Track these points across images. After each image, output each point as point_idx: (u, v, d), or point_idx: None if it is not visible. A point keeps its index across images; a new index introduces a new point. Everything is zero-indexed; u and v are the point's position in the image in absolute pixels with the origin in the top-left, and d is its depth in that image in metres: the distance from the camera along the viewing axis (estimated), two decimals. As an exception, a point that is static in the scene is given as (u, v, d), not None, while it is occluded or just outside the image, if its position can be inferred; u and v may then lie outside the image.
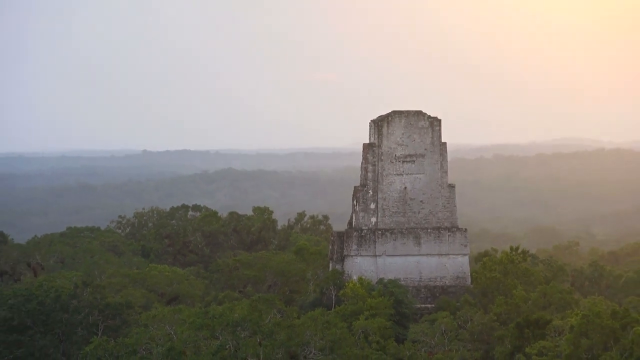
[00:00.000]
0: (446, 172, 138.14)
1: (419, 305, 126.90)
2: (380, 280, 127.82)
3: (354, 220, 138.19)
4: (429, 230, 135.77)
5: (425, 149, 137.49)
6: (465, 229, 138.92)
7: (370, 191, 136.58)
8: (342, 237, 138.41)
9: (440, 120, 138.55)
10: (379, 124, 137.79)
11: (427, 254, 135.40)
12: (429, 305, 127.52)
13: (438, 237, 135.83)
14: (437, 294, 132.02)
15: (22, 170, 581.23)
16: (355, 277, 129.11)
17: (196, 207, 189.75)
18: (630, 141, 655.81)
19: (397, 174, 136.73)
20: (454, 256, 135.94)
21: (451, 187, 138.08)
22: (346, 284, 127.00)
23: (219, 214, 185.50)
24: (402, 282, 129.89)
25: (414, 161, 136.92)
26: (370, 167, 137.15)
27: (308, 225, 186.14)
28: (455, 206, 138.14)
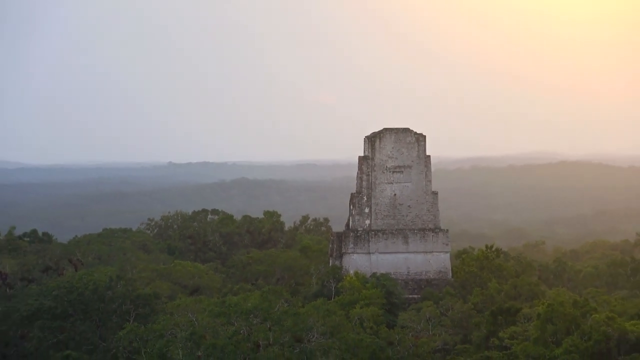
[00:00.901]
0: (430, 181, 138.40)
1: (407, 296, 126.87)
2: (374, 274, 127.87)
3: (350, 222, 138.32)
4: (415, 231, 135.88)
5: (412, 161, 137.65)
6: (447, 230, 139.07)
7: (365, 197, 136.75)
8: (340, 237, 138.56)
9: (425, 136, 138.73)
10: (372, 140, 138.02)
11: (414, 252, 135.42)
12: (416, 296, 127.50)
13: (423, 237, 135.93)
14: (423, 286, 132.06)
15: (64, 179, 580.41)
16: (352, 272, 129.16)
17: (214, 211, 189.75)
18: (588, 154, 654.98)
19: (388, 183, 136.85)
20: (437, 253, 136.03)
21: (434, 194, 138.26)
22: (344, 277, 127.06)
23: (234, 217, 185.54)
24: (393, 276, 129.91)
25: (402, 171, 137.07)
26: (364, 177, 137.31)
27: (311, 227, 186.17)
28: (438, 210, 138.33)
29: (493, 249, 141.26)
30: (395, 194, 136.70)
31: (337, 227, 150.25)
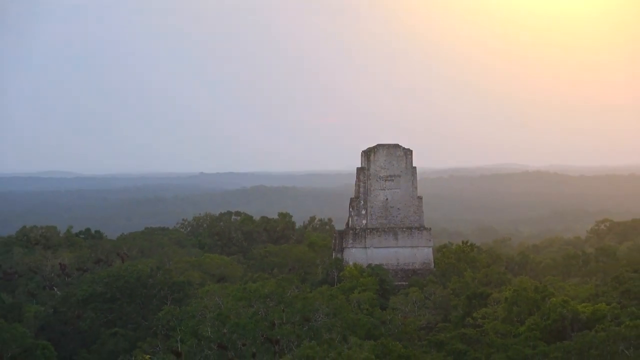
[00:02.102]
0: (416, 187, 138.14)
1: (396, 283, 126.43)
2: (369, 265, 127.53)
3: (350, 222, 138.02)
4: (403, 229, 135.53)
5: (401, 171, 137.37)
6: (430, 228, 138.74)
7: (362, 201, 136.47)
8: (341, 234, 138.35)
9: (411, 151, 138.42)
10: (368, 153, 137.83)
11: (402, 246, 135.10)
12: (404, 283, 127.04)
13: (410, 234, 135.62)
14: (410, 275, 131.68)
15: (113, 187, 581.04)
16: (351, 263, 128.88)
17: (237, 213, 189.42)
18: (546, 165, 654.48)
19: (381, 189, 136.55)
20: (421, 248, 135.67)
21: (419, 198, 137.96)
22: (345, 268, 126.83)
23: (253, 218, 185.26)
24: (385, 267, 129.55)
25: (393, 180, 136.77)
26: (361, 184, 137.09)
27: (317, 226, 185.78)
28: (422, 212, 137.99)
29: (468, 244, 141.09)
30: (387, 199, 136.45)
31: (339, 226, 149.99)
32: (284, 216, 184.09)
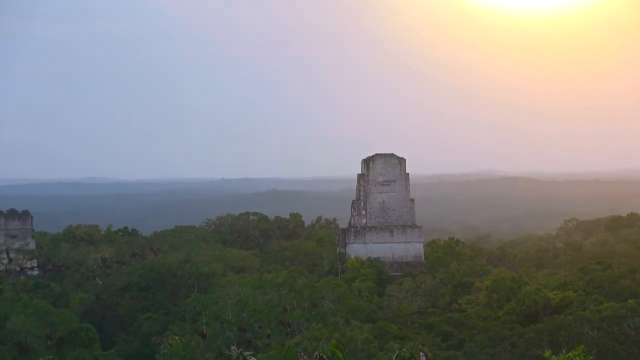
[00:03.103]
0: (409, 191, 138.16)
1: (392, 274, 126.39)
2: (368, 258, 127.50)
3: (352, 221, 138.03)
4: (398, 227, 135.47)
5: (396, 177, 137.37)
6: (421, 226, 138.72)
7: (362, 203, 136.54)
8: (344, 232, 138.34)
9: (404, 159, 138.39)
10: (367, 162, 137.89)
11: (397, 242, 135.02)
12: (398, 274, 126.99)
13: (404, 231, 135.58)
14: (403, 267, 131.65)
15: (147, 190, 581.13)
16: (352, 256, 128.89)
17: (254, 214, 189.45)
18: (522, 172, 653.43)
19: (379, 193, 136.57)
20: (414, 243, 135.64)
21: (412, 200, 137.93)
22: (347, 260, 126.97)
23: (268, 218, 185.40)
24: (382, 259, 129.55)
25: (389, 184, 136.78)
26: (361, 188, 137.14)
27: (323, 224, 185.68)
28: (414, 212, 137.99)
29: (454, 240, 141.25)
30: (384, 201, 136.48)
31: (342, 224, 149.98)
32: (295, 216, 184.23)
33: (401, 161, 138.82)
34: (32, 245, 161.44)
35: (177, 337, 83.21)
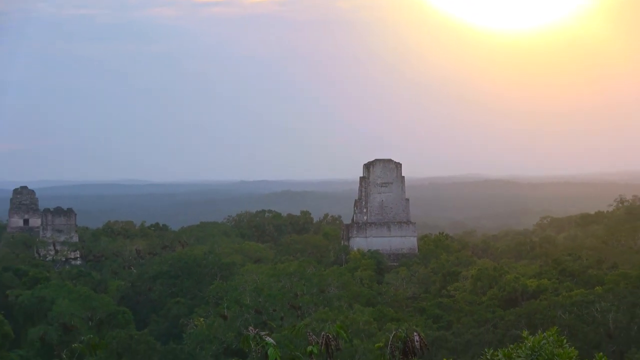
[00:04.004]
0: (404, 192, 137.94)
1: (389, 264, 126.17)
2: (369, 250, 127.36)
3: (354, 218, 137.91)
4: (395, 223, 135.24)
5: (393, 180, 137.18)
6: (414, 223, 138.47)
7: (363, 202, 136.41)
8: (348, 227, 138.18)
9: (400, 164, 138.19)
10: (368, 166, 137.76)
11: (394, 236, 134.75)
12: (395, 264, 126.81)
13: (400, 227, 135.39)
14: (399, 257, 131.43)
15: (176, 191, 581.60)
16: (355, 249, 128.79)
17: (270, 211, 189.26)
18: (502, 175, 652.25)
19: (378, 193, 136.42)
20: (408, 237, 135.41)
21: (407, 200, 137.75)
22: (350, 252, 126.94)
23: (282, 215, 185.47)
24: (380, 251, 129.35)
25: (387, 186, 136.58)
26: (363, 189, 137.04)
27: (330, 221, 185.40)
28: (409, 210, 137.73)
29: (443, 234, 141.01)
30: (382, 200, 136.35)
31: (346, 221, 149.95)
32: (305, 213, 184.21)
33: (398, 166, 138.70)
34: (75, 239, 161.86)
35: (202, 318, 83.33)
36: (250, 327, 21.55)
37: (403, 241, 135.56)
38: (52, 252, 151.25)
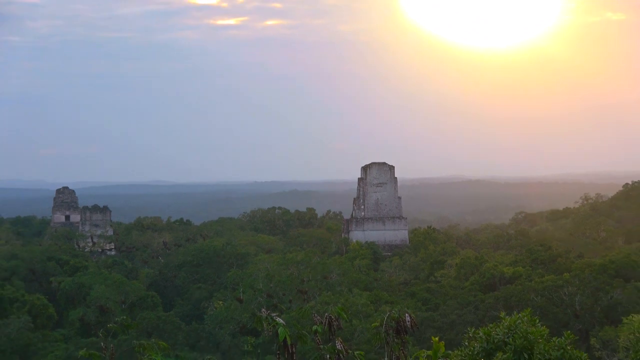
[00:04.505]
0: (397, 191, 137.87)
1: (384, 254, 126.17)
2: (366, 242, 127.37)
3: (353, 213, 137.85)
4: (389, 218, 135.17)
5: (387, 180, 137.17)
6: (406, 218, 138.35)
7: (361, 200, 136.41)
8: (348, 222, 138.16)
9: (393, 167, 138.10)
10: (365, 168, 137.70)
11: (388, 229, 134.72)
12: (389, 253, 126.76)
13: (393, 221, 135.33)
14: (393, 248, 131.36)
15: (197, 190, 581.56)
16: (354, 241, 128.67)
17: (279, 208, 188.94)
18: (483, 175, 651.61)
19: (374, 192, 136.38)
20: (400, 230, 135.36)
21: (399, 198, 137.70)
22: (350, 244, 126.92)
23: (290, 211, 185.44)
24: (376, 243, 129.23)
25: (382, 186, 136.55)
26: (361, 189, 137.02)
27: (332, 216, 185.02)
28: (401, 207, 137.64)
29: (431, 228, 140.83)
30: (378, 198, 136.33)
31: (346, 216, 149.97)
32: (310, 210, 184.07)
33: (391, 168, 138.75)
34: (110, 232, 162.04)
35: (221, 302, 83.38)
36: (263, 309, 21.57)
37: (396, 234, 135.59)
38: (90, 244, 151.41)
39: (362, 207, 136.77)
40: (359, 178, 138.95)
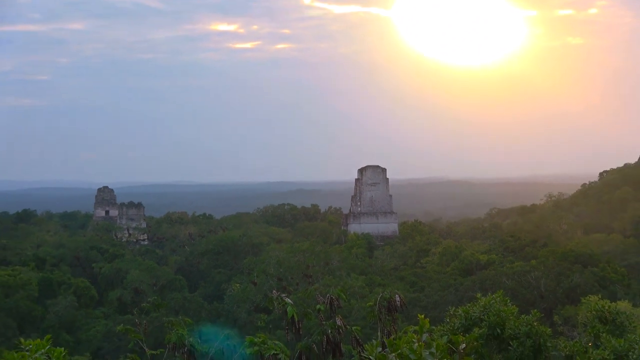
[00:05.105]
0: (388, 190, 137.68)
1: (378, 243, 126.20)
2: (362, 233, 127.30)
3: (351, 209, 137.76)
4: (381, 213, 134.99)
5: (380, 181, 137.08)
6: (396, 213, 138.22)
7: (358, 197, 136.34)
8: (347, 216, 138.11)
9: (385, 169, 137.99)
10: (361, 170, 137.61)
11: (381, 223, 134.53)
12: (381, 243, 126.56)
13: (385, 216, 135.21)
14: (385, 239, 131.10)
15: (218, 190, 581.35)
16: (352, 232, 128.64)
17: (288, 204, 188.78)
18: (461, 176, 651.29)
19: (369, 191, 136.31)
20: (391, 223, 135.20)
21: (390, 196, 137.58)
22: (348, 235, 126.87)
23: (297, 207, 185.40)
24: (371, 234, 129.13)
25: (375, 185, 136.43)
26: (358, 188, 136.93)
27: (333, 211, 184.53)
28: (392, 203, 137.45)
29: (417, 221, 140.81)
30: (372, 196, 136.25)
31: (345, 211, 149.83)
32: (314, 206, 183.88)
33: (383, 170, 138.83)
34: (143, 225, 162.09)
35: (238, 284, 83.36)
36: (274, 291, 21.56)
37: (387, 226, 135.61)
38: (126, 235, 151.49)
39: (359, 203, 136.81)
40: (355, 179, 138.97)
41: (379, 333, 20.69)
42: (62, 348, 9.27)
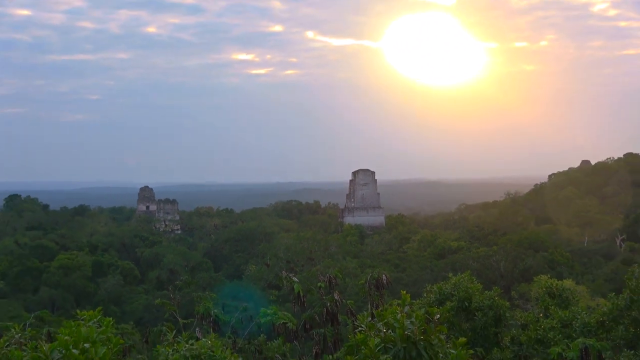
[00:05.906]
0: (377, 189, 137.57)
1: (368, 233, 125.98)
2: (355, 225, 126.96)
3: (346, 205, 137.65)
4: (371, 208, 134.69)
5: (370, 181, 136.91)
6: (383, 208, 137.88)
7: (352, 195, 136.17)
8: (343, 210, 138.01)
9: (374, 172, 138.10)
10: (355, 173, 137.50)
11: (370, 216, 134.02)
12: (371, 233, 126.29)
13: (374, 210, 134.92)
14: (374, 229, 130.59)
15: (236, 189, 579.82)
16: (347, 224, 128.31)
17: (295, 201, 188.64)
18: (438, 177, 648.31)
19: (360, 190, 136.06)
20: (379, 217, 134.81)
21: (378, 194, 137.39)
22: (344, 226, 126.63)
23: (302, 203, 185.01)
24: (362, 225, 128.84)
25: (366, 185, 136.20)
26: (351, 187, 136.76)
27: (331, 207, 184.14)
28: (379, 200, 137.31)
29: (400, 215, 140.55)
30: (363, 194, 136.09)
31: (341, 206, 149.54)
32: (316, 202, 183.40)
33: (373, 173, 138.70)
34: (177, 218, 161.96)
35: (254, 266, 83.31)
36: (283, 271, 21.56)
37: (376, 219, 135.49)
38: (163, 226, 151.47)
39: (352, 200, 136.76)
40: (350, 180, 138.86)
41: (369, 306, 20.69)
42: (111, 318, 9.29)
